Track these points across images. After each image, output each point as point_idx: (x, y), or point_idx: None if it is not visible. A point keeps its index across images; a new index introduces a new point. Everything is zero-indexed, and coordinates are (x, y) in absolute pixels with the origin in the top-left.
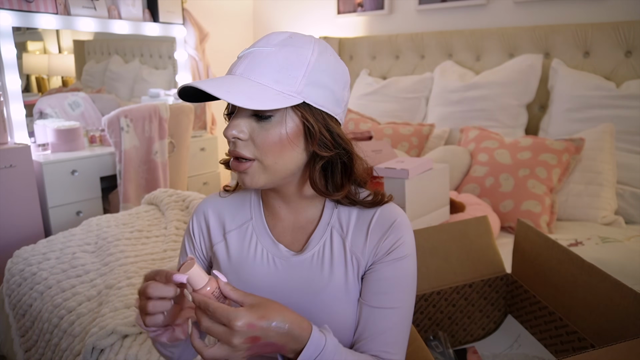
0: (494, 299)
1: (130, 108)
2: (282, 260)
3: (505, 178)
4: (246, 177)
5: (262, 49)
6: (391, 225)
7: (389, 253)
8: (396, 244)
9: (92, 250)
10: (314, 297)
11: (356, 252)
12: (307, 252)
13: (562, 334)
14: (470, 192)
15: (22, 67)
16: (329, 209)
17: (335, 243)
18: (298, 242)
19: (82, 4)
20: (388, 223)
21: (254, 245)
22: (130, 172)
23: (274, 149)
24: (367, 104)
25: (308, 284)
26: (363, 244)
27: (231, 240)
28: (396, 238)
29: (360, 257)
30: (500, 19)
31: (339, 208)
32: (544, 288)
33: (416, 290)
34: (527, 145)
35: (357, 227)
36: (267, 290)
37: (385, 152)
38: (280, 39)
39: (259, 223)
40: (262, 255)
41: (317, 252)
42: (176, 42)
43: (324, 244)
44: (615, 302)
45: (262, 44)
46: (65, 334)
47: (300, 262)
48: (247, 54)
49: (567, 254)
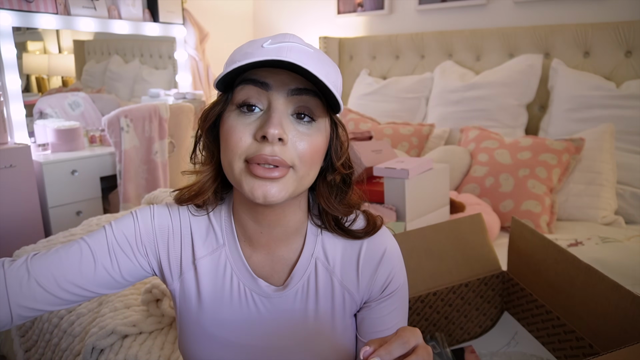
0: (490, 297)
1: (130, 108)
2: (263, 298)
3: (505, 178)
4: (273, 188)
5: (301, 46)
6: (382, 257)
7: (384, 289)
8: (389, 277)
9: None
10: (298, 337)
11: (349, 287)
12: (290, 287)
13: (560, 333)
14: (470, 192)
15: (22, 67)
16: (312, 238)
17: (321, 277)
18: (278, 275)
19: (82, 4)
20: (378, 255)
21: (229, 279)
22: (130, 172)
23: (312, 159)
24: (367, 104)
25: (292, 323)
26: (356, 280)
27: (202, 270)
28: (388, 270)
29: (354, 294)
30: (500, 19)
31: (323, 236)
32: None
33: (410, 293)
34: (527, 145)
35: (345, 260)
36: (246, 330)
37: (385, 152)
38: (304, 42)
39: (233, 251)
40: (240, 291)
41: (301, 287)
42: (176, 42)
43: (309, 277)
44: (613, 304)
45: (296, 40)
46: (65, 334)
47: (283, 299)
48: (286, 46)
49: (563, 254)
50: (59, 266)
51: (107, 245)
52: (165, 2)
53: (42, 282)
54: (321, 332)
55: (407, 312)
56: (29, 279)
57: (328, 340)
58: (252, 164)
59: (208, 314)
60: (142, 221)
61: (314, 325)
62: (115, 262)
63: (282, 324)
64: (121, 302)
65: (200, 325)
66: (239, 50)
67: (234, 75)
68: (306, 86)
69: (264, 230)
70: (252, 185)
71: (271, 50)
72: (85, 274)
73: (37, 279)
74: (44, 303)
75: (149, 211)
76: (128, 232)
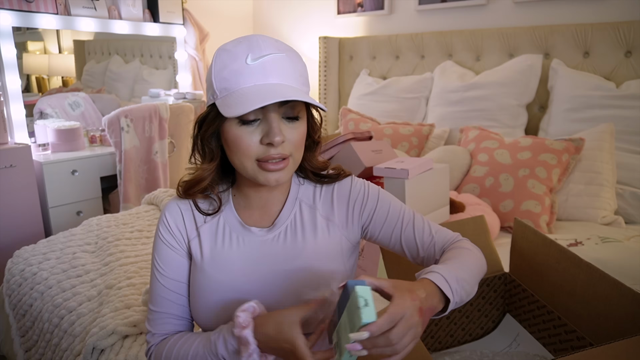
0: (492, 298)
1: (131, 108)
2: (256, 238)
3: (505, 178)
4: (282, 174)
5: (278, 55)
6: (350, 184)
7: (365, 200)
8: (363, 191)
9: (93, 250)
10: (293, 266)
11: (330, 217)
12: (278, 226)
13: (561, 333)
14: (470, 192)
15: (22, 67)
16: (295, 187)
17: (305, 214)
18: (267, 219)
19: (82, 4)
20: (347, 185)
21: (227, 235)
22: (130, 172)
23: (301, 144)
24: (367, 104)
25: (284, 255)
26: (335, 210)
27: (204, 234)
28: (358, 188)
29: (336, 221)
30: (500, 19)
31: (305, 185)
32: (542, 287)
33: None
34: (527, 145)
35: (324, 198)
36: (246, 271)
37: (385, 152)
38: (276, 44)
39: (228, 214)
40: (236, 240)
41: (289, 224)
42: (176, 42)
43: (295, 216)
44: (613, 302)
45: (270, 50)
46: (65, 334)
47: (274, 239)
48: (267, 61)
49: (564, 253)
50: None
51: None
52: (165, 2)
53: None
54: (314, 257)
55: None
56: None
57: (322, 262)
58: (263, 162)
59: (210, 264)
60: (167, 238)
61: (304, 253)
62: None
63: (275, 261)
64: (122, 302)
65: (207, 276)
66: (225, 68)
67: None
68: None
69: (262, 195)
70: (266, 176)
71: (257, 70)
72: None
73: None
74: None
75: (164, 221)
76: (168, 259)
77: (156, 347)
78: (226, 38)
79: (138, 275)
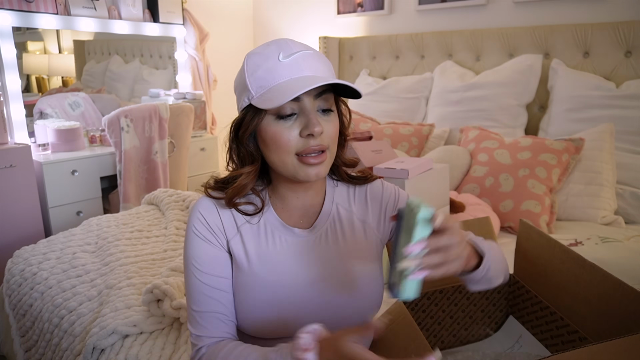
0: (495, 299)
1: (131, 108)
2: (299, 240)
3: (505, 178)
4: (322, 167)
5: (308, 52)
6: (382, 186)
7: (397, 202)
8: (395, 193)
9: (93, 250)
10: (331, 273)
11: (366, 220)
12: (319, 228)
13: (564, 334)
14: (470, 192)
15: (22, 67)
16: (330, 189)
17: (343, 217)
18: (307, 221)
19: (82, 4)
20: (379, 186)
21: (270, 235)
22: (130, 172)
23: (336, 136)
24: (367, 104)
25: (328, 256)
26: (369, 211)
27: (246, 234)
28: (389, 190)
29: (371, 223)
30: (500, 19)
31: (339, 187)
32: (546, 288)
33: None
34: (527, 145)
35: (358, 200)
36: (293, 270)
37: (385, 152)
38: (303, 44)
39: (269, 213)
40: (280, 241)
41: (329, 226)
42: (176, 42)
43: (334, 219)
44: (616, 302)
45: (300, 48)
46: (65, 334)
47: (315, 240)
48: (299, 56)
49: (568, 254)
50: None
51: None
52: (165, 2)
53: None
54: (350, 256)
55: None
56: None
57: (366, 263)
58: (303, 155)
59: (257, 265)
60: (205, 234)
61: (344, 252)
62: (229, 272)
63: (317, 261)
64: (122, 302)
65: (255, 275)
66: (258, 68)
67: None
68: (324, 87)
69: (299, 195)
70: (307, 171)
71: (290, 65)
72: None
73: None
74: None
75: (199, 217)
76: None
77: (207, 353)
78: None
79: (138, 275)
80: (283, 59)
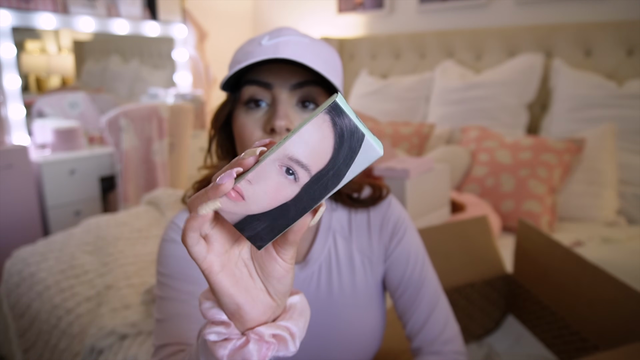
0: (494, 299)
1: (130, 108)
2: None
3: (506, 178)
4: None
5: (297, 38)
6: (387, 208)
7: (396, 231)
8: (396, 226)
9: (91, 251)
10: (328, 310)
11: (365, 251)
12: (312, 263)
13: (565, 334)
14: (471, 192)
15: (20, 67)
16: (327, 213)
17: (341, 247)
18: (299, 252)
19: (81, 3)
20: (383, 210)
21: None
22: (129, 172)
23: None
24: (367, 104)
25: (319, 299)
26: (369, 240)
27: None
28: (393, 220)
29: (371, 256)
30: (501, 19)
31: (338, 211)
32: (546, 288)
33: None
34: (528, 145)
35: (358, 226)
36: None
37: (385, 152)
38: (302, 34)
39: None
40: None
41: (323, 261)
42: (176, 41)
43: (329, 251)
44: (618, 303)
45: (291, 34)
46: (64, 335)
47: (306, 277)
48: (283, 41)
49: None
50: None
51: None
52: (164, 1)
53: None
54: (346, 304)
55: (429, 263)
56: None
57: (359, 309)
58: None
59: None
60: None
61: (341, 297)
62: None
63: (310, 299)
64: (120, 302)
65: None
66: (240, 50)
67: (238, 76)
68: (306, 78)
69: None
70: None
71: (269, 47)
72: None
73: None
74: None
75: (172, 227)
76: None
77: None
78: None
79: (137, 276)
80: (265, 42)
